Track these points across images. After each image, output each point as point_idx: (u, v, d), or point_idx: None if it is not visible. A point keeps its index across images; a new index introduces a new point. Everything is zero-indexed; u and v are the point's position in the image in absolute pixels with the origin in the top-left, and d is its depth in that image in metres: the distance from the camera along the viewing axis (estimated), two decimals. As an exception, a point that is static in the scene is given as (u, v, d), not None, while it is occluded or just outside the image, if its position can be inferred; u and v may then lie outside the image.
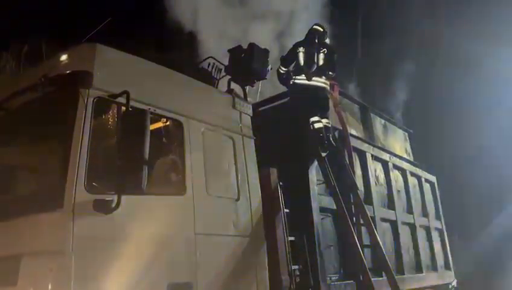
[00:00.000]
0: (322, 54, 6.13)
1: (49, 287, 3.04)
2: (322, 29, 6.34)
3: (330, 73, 6.17)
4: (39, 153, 3.79)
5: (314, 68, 6.09)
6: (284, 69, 6.26)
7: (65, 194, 3.19)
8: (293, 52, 6.24)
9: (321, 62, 6.11)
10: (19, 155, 4.01)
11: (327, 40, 6.39)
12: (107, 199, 3.28)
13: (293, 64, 6.25)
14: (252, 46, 5.31)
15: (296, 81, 6.13)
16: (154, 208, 3.70)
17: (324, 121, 5.87)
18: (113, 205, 3.26)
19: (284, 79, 6.29)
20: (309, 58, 6.11)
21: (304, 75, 6.07)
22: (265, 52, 5.42)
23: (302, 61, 6.12)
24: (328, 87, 6.19)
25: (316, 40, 6.22)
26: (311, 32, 6.33)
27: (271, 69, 5.57)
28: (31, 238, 3.18)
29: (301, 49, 6.16)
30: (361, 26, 17.61)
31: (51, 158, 3.61)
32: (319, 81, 6.07)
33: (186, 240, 3.90)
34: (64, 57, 3.79)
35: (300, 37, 6.51)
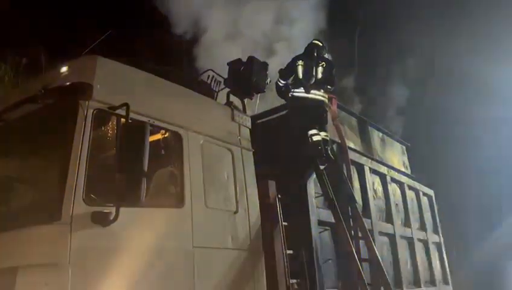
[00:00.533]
0: (320, 67, 6.17)
1: (45, 301, 3.00)
2: (321, 44, 6.40)
3: (329, 87, 6.22)
4: (38, 165, 3.77)
5: (313, 81, 6.12)
6: (282, 82, 6.30)
7: (63, 206, 3.17)
8: (292, 65, 6.28)
9: (320, 75, 6.15)
10: (18, 166, 3.99)
11: (326, 55, 6.45)
12: (105, 211, 3.26)
13: (291, 78, 6.29)
14: (251, 59, 5.35)
15: (294, 94, 6.16)
16: (152, 220, 3.67)
17: (322, 134, 5.89)
18: (112, 217, 3.24)
19: (282, 92, 6.33)
20: (307, 71, 6.15)
21: (302, 88, 6.10)
22: (265, 65, 5.46)
23: (300, 74, 6.15)
24: (327, 101, 6.23)
25: (315, 54, 6.28)
26: (310, 46, 6.39)
27: (270, 82, 5.60)
28: (28, 250, 3.14)
29: (300, 62, 6.21)
30: (358, 41, 17.77)
31: (49, 170, 3.60)
32: (317, 94, 6.10)
33: (184, 253, 3.86)
34: (64, 69, 3.80)
35: (298, 51, 6.56)
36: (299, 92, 6.12)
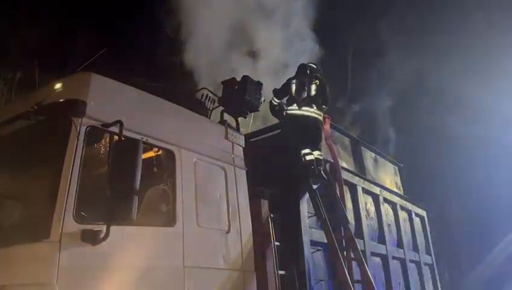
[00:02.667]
0: (314, 85, 6.21)
1: (32, 321, 2.93)
2: (315, 66, 6.48)
3: (323, 106, 6.25)
4: (29, 181, 3.73)
5: (305, 95, 6.14)
6: (276, 101, 6.33)
7: (52, 223, 3.12)
8: (286, 84, 6.32)
9: (313, 92, 6.18)
10: (8, 182, 3.93)
11: (319, 75, 6.51)
12: (95, 229, 3.22)
13: (286, 98, 6.33)
14: (245, 78, 5.38)
15: (288, 111, 6.18)
16: (143, 239, 3.63)
17: (316, 153, 5.89)
18: (102, 235, 3.20)
19: (276, 111, 6.36)
20: (300, 86, 6.18)
21: (295, 104, 6.11)
22: (259, 84, 5.49)
23: (294, 91, 6.18)
24: (321, 119, 6.24)
25: (308, 72, 6.32)
26: (304, 66, 6.45)
27: (264, 101, 5.63)
28: (16, 269, 3.08)
29: (294, 81, 6.26)
30: (351, 63, 18.00)
31: (40, 186, 3.55)
32: (309, 111, 6.12)
33: (175, 273, 3.80)
34: (58, 85, 3.79)
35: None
36: (292, 109, 6.14)
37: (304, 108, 6.10)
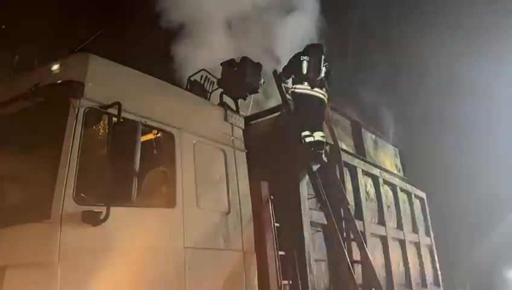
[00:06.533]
0: (324, 67, 6.12)
1: (34, 300, 2.97)
2: (322, 46, 6.38)
3: (328, 88, 6.18)
4: (28, 163, 3.72)
5: (320, 77, 6.02)
6: (285, 78, 6.24)
7: (53, 204, 3.14)
8: (295, 61, 6.14)
9: (323, 74, 6.08)
10: (8, 164, 3.93)
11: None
12: (95, 210, 3.24)
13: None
14: (244, 59, 5.34)
15: (296, 90, 6.05)
16: (143, 220, 3.65)
17: (319, 134, 5.85)
18: (102, 216, 3.22)
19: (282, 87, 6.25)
20: (316, 67, 6.02)
21: (306, 83, 5.99)
22: (258, 65, 5.44)
23: (305, 70, 6.01)
24: (326, 100, 6.17)
25: (322, 52, 6.17)
26: (318, 45, 6.32)
27: (263, 82, 5.59)
28: (17, 249, 3.11)
29: (305, 58, 6.06)
30: (352, 46, 17.84)
31: (40, 168, 3.55)
32: (320, 92, 6.04)
33: (175, 254, 3.84)
34: (55, 67, 3.76)
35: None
36: (302, 88, 6.01)
37: (316, 89, 6.00)
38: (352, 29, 17.39)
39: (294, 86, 6.08)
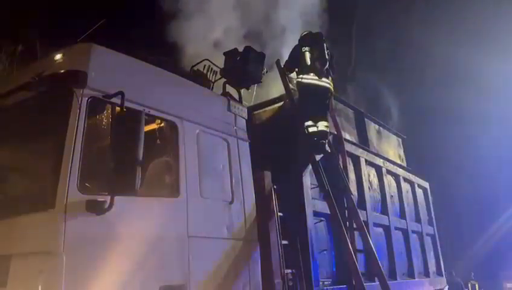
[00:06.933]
0: (327, 54, 6.07)
1: (39, 288, 2.99)
2: (321, 33, 6.33)
3: (333, 75, 6.13)
4: (32, 153, 3.74)
5: (327, 66, 5.95)
6: (289, 72, 6.20)
7: (57, 194, 3.15)
8: (297, 53, 6.08)
9: (328, 62, 6.01)
10: (12, 154, 3.96)
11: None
12: (99, 199, 3.25)
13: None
14: (248, 49, 5.31)
15: (303, 80, 5.98)
16: (147, 209, 3.66)
17: (323, 124, 5.82)
18: (106, 206, 3.23)
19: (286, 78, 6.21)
20: (321, 56, 5.95)
21: (312, 74, 5.92)
22: (261, 55, 5.42)
23: (308, 61, 5.95)
24: (332, 89, 6.12)
25: (323, 40, 6.12)
26: (314, 34, 6.25)
27: (266, 72, 5.56)
28: (22, 238, 3.14)
29: (306, 48, 6.01)
30: (356, 34, 17.72)
31: (43, 158, 3.57)
32: (326, 82, 5.98)
33: (179, 243, 3.86)
34: (58, 56, 3.76)
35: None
36: (308, 78, 5.93)
37: (323, 79, 5.94)
38: (356, 11, 17.27)
39: (301, 76, 6.03)
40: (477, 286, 16.78)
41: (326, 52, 6.02)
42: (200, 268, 3.93)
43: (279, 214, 4.97)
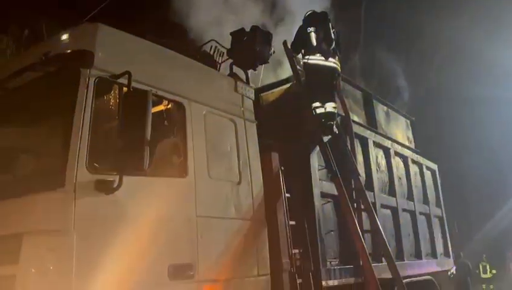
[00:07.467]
0: (333, 34, 5.98)
1: (51, 266, 3.05)
2: (326, 13, 6.23)
3: (340, 54, 6.05)
4: (40, 133, 3.77)
5: (333, 46, 5.87)
6: (296, 53, 6.14)
7: (66, 173, 3.17)
8: (302, 34, 5.99)
9: (334, 42, 5.93)
10: (20, 135, 3.99)
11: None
12: (108, 179, 3.27)
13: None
14: (254, 28, 5.24)
15: (309, 61, 5.90)
16: (155, 189, 3.69)
17: (330, 106, 5.77)
18: (115, 185, 3.25)
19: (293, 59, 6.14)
20: (326, 36, 5.86)
21: (318, 55, 5.84)
22: (269, 35, 5.35)
23: (314, 41, 5.86)
24: (339, 68, 6.03)
25: (328, 19, 6.02)
26: (318, 14, 6.14)
27: (274, 52, 5.50)
28: (33, 217, 3.17)
29: (311, 29, 5.92)
30: (364, 17, 17.46)
31: (51, 138, 3.59)
32: (333, 62, 5.90)
33: (188, 222, 3.89)
34: (65, 37, 3.75)
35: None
36: (315, 59, 5.85)
37: (330, 59, 5.87)
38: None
39: (307, 57, 5.96)
40: (488, 267, 16.86)
41: (331, 31, 5.94)
42: (208, 248, 3.96)
43: (287, 195, 4.98)
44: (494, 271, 16.88)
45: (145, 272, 3.41)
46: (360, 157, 6.57)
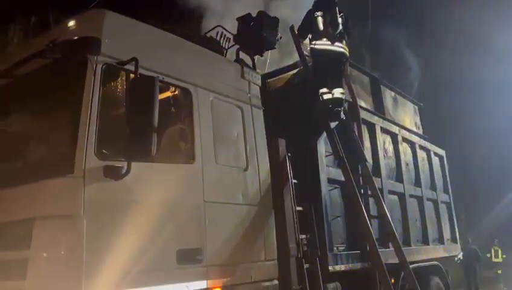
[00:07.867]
0: (340, 18, 5.90)
1: (62, 250, 3.11)
2: None
3: (348, 39, 5.99)
4: (48, 120, 3.80)
5: (339, 30, 5.79)
6: (302, 38, 6.09)
7: (75, 160, 3.21)
8: (309, 19, 5.92)
9: (341, 26, 5.85)
10: (29, 122, 4.02)
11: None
12: (117, 165, 3.30)
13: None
14: (261, 14, 5.20)
15: (316, 46, 5.84)
16: (163, 175, 3.72)
17: (338, 91, 5.72)
18: (123, 171, 3.29)
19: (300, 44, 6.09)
20: (333, 20, 5.80)
21: (325, 39, 5.78)
22: (275, 20, 5.30)
23: (321, 26, 5.80)
24: (347, 53, 5.95)
25: (335, 3, 5.94)
26: None
27: (280, 38, 5.46)
28: (44, 203, 3.22)
29: (318, 13, 5.84)
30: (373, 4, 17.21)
31: (60, 125, 3.62)
32: (341, 47, 5.83)
33: (196, 208, 3.93)
34: (72, 23, 3.75)
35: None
36: (322, 44, 5.79)
37: (337, 43, 5.80)
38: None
39: (314, 42, 5.91)
40: (500, 251, 16.91)
41: (338, 16, 5.87)
42: (216, 233, 4.01)
43: (294, 181, 5.00)
44: (504, 256, 16.95)
45: (153, 257, 3.45)
46: (367, 143, 6.55)
